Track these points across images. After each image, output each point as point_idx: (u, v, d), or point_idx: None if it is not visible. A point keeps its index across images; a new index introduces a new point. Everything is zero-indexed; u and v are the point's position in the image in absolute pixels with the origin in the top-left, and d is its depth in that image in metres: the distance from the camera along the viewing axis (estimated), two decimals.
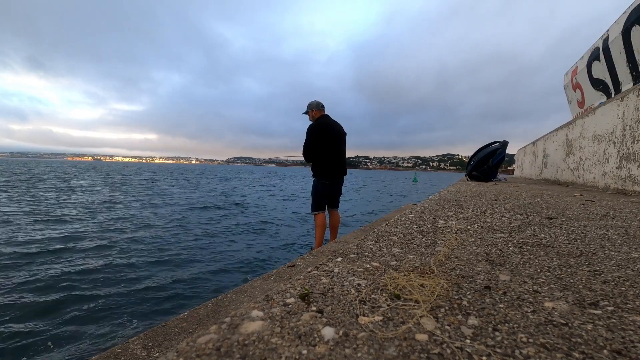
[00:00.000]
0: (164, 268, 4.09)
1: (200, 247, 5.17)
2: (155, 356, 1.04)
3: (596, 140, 3.85)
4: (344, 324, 0.46)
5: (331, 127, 3.37)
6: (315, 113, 3.45)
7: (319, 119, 3.41)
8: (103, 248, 4.90)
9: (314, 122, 3.40)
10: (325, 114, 3.45)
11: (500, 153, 5.83)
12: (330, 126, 3.37)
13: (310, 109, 3.48)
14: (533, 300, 0.56)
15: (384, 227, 1.20)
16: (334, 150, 3.36)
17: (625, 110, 3.14)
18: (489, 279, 0.67)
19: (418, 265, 0.74)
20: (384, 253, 0.85)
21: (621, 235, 1.13)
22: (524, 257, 0.83)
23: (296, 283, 0.62)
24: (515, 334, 0.44)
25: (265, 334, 0.42)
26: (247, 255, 4.84)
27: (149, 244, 5.26)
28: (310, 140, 3.34)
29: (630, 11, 4.06)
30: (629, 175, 3.02)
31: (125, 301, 3.07)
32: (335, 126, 3.41)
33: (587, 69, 5.53)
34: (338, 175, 3.44)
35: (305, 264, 1.90)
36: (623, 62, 4.29)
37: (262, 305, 0.52)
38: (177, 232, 6.22)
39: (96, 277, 3.64)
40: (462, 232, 1.14)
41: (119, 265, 4.10)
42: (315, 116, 3.44)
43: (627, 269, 0.75)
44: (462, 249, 0.90)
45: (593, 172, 3.90)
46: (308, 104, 3.51)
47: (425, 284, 0.61)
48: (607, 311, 0.52)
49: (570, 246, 0.97)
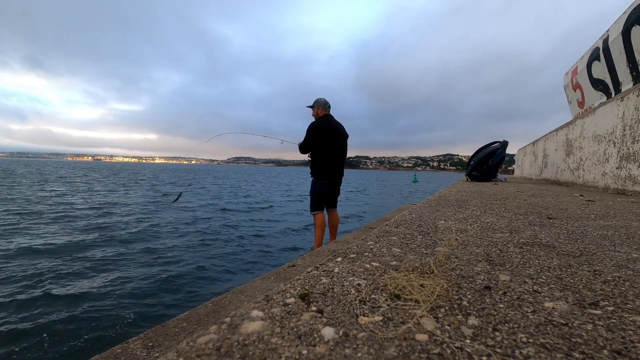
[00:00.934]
0: (164, 268, 4.09)
1: (200, 248, 5.18)
2: (155, 356, 1.04)
3: (596, 140, 3.85)
4: (344, 324, 0.46)
5: (333, 127, 3.36)
6: (320, 111, 3.42)
7: (322, 117, 3.39)
8: (103, 248, 4.90)
9: (316, 120, 3.40)
10: (329, 114, 3.44)
11: (500, 153, 5.83)
12: (333, 127, 3.36)
13: (317, 105, 3.44)
14: (533, 300, 0.56)
15: (384, 227, 1.20)
16: (334, 151, 3.35)
17: (625, 110, 3.14)
18: (489, 279, 0.67)
19: (418, 265, 0.74)
20: (384, 253, 0.85)
21: (621, 235, 1.13)
22: (524, 257, 0.83)
23: (296, 283, 0.62)
24: (515, 334, 0.44)
25: (265, 334, 0.42)
26: (247, 255, 4.84)
27: (149, 243, 5.26)
28: (311, 137, 3.33)
29: (630, 11, 4.05)
30: (629, 175, 3.02)
31: (125, 301, 3.07)
32: (337, 127, 3.41)
33: (587, 69, 5.53)
34: (337, 176, 3.43)
35: (305, 264, 1.90)
36: (623, 62, 4.29)
37: (262, 305, 0.52)
38: (178, 233, 6.23)
39: (96, 277, 3.65)
40: (462, 232, 1.14)
41: (119, 265, 4.10)
42: (319, 114, 3.42)
43: (627, 269, 0.75)
44: (462, 249, 0.90)
45: (593, 172, 3.90)
46: (316, 100, 3.47)
47: (425, 284, 0.61)
48: (607, 311, 0.52)
49: (570, 246, 0.97)
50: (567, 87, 6.88)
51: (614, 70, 4.61)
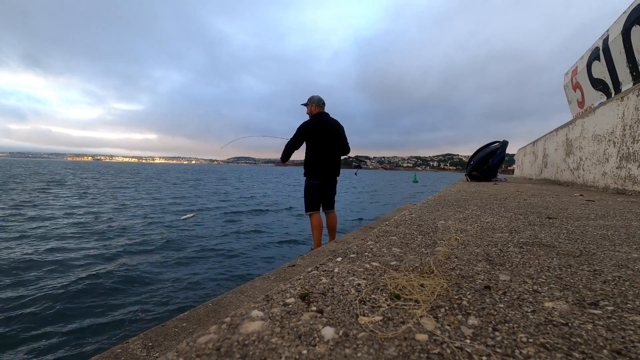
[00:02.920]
0: (164, 268, 4.09)
1: (201, 247, 5.18)
2: (155, 356, 1.04)
3: (596, 140, 3.85)
4: (344, 324, 0.46)
5: (328, 124, 3.29)
6: (314, 108, 3.35)
7: (315, 115, 3.33)
8: (103, 247, 4.90)
9: (310, 118, 3.34)
10: (323, 111, 3.37)
11: (500, 153, 5.84)
12: (327, 123, 3.29)
13: (310, 103, 3.37)
14: (533, 300, 0.56)
15: (384, 227, 1.20)
16: (325, 150, 3.28)
17: (625, 110, 3.14)
18: (489, 278, 0.67)
19: (418, 265, 0.74)
20: (384, 253, 0.85)
21: (621, 235, 1.13)
22: (524, 257, 0.83)
23: (296, 283, 0.62)
24: (515, 333, 0.44)
25: (265, 334, 0.42)
26: (247, 255, 4.84)
27: (150, 243, 5.26)
28: (300, 138, 3.27)
29: (630, 11, 4.05)
30: (629, 175, 3.02)
31: (125, 301, 3.07)
32: (332, 124, 3.33)
33: (587, 69, 5.53)
34: (329, 176, 3.34)
35: (305, 264, 1.89)
36: (623, 62, 4.29)
37: (262, 305, 0.52)
38: (180, 233, 6.23)
39: (95, 276, 3.64)
40: (462, 232, 1.14)
41: (119, 264, 4.10)
42: (313, 112, 3.35)
43: (627, 269, 0.75)
44: (462, 249, 0.90)
45: (593, 172, 3.90)
46: (310, 97, 3.39)
47: (425, 284, 0.61)
48: (607, 311, 0.52)
49: (570, 246, 0.97)
50: (567, 87, 6.88)
51: (614, 70, 4.61)
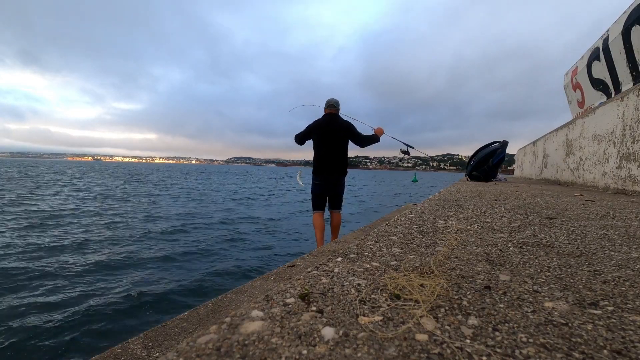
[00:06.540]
0: (164, 267, 4.09)
1: (202, 247, 5.17)
2: (155, 356, 1.04)
3: (596, 140, 3.85)
4: (344, 324, 0.46)
5: (328, 125, 3.41)
6: (324, 110, 3.55)
7: (322, 116, 3.50)
8: (103, 247, 4.90)
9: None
10: (331, 112, 3.48)
11: (500, 153, 5.83)
12: (327, 124, 3.41)
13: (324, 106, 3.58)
14: (533, 300, 0.56)
15: (384, 227, 1.20)
16: (323, 149, 3.41)
17: (625, 110, 3.14)
18: (489, 279, 0.67)
19: (418, 265, 0.74)
20: (384, 253, 0.85)
21: (621, 235, 1.13)
22: (524, 257, 0.83)
23: (296, 283, 0.62)
24: (515, 334, 0.44)
25: (265, 334, 0.42)
26: (247, 255, 4.84)
27: (150, 243, 5.26)
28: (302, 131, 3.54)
29: (630, 11, 4.05)
30: (629, 175, 3.02)
31: (125, 301, 3.07)
32: (333, 125, 3.42)
33: (587, 69, 5.52)
34: (329, 173, 3.41)
35: (305, 264, 1.89)
36: (623, 62, 4.29)
37: (262, 305, 0.52)
38: (180, 232, 6.23)
39: (95, 276, 3.65)
40: (462, 232, 1.14)
41: (119, 264, 4.10)
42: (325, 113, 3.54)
43: (627, 269, 0.75)
44: (462, 249, 0.90)
45: (593, 172, 3.90)
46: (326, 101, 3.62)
47: (425, 284, 0.61)
48: (607, 311, 0.52)
49: (570, 246, 0.97)
50: (567, 87, 6.88)
51: (614, 70, 4.60)
